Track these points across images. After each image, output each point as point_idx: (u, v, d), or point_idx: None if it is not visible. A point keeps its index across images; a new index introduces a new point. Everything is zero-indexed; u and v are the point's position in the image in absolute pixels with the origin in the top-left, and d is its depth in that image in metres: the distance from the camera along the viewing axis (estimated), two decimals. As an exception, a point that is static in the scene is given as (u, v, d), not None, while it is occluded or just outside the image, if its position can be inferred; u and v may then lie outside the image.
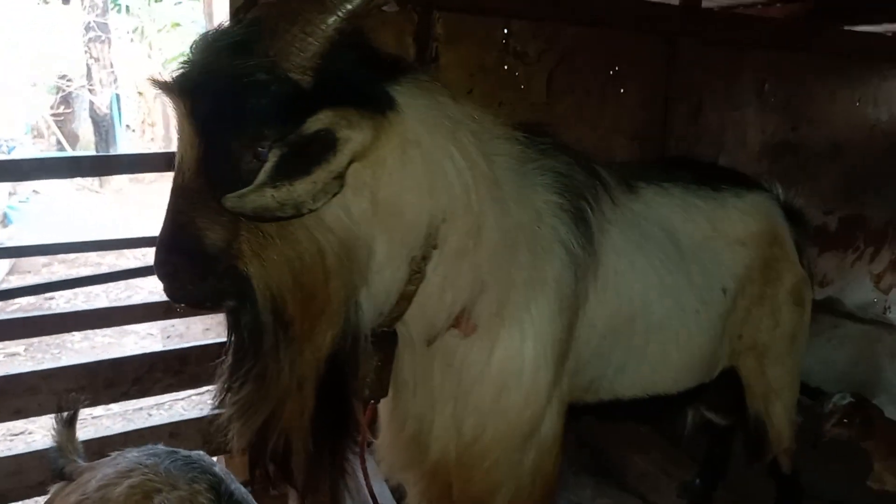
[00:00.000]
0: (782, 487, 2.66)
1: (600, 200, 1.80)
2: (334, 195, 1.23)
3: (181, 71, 1.29)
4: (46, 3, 12.13)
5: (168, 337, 5.43)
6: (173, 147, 1.39)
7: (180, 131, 1.30)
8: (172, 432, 3.15)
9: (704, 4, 3.65)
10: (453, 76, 3.43)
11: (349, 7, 1.18)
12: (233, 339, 1.44)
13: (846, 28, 4.31)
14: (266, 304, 1.32)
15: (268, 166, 1.20)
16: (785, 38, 4.09)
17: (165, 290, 1.37)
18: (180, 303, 1.41)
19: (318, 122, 1.22)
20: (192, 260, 1.31)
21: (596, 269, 1.76)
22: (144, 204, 9.49)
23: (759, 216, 2.22)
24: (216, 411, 1.49)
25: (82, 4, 11.73)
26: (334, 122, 1.23)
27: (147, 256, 7.21)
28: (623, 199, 1.92)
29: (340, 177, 1.23)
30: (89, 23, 11.28)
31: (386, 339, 1.57)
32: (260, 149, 1.24)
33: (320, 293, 1.34)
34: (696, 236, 2.09)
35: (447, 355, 1.62)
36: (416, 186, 1.38)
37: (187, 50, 1.32)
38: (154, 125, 15.33)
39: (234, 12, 1.39)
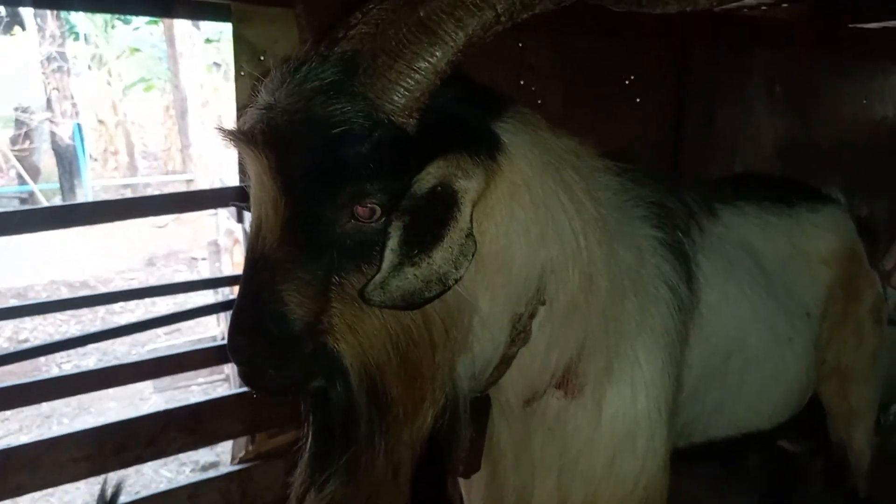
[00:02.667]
0: (859, 513, 2.52)
1: (692, 230, 1.64)
2: (473, 256, 1.03)
3: (261, 117, 1.07)
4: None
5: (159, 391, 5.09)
6: (138, 177, 1.15)
7: (259, 190, 1.09)
8: (192, 494, 2.91)
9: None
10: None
11: (465, 36, 0.99)
12: (314, 425, 1.23)
13: (850, 26, 4.26)
14: (362, 385, 1.12)
15: (393, 242, 1.00)
16: (792, 38, 4.04)
17: (244, 377, 1.15)
18: (262, 391, 1.20)
19: (431, 175, 1.03)
20: (277, 342, 1.09)
21: (697, 306, 1.59)
22: (110, 234, 9.06)
23: (837, 231, 2.07)
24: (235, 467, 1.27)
25: (39, 34, 11.30)
26: (449, 172, 1.03)
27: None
28: (707, 224, 1.75)
29: (471, 234, 1.03)
30: (51, 54, 10.86)
31: (480, 408, 1.37)
32: (360, 207, 1.04)
33: (426, 369, 1.14)
34: (779, 257, 1.94)
35: (548, 419, 1.43)
36: (526, 236, 1.19)
37: (263, 90, 1.11)
38: (117, 153, 14.87)
39: (314, 43, 1.17)
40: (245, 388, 2.95)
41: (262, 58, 2.78)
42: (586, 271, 1.27)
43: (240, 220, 3.56)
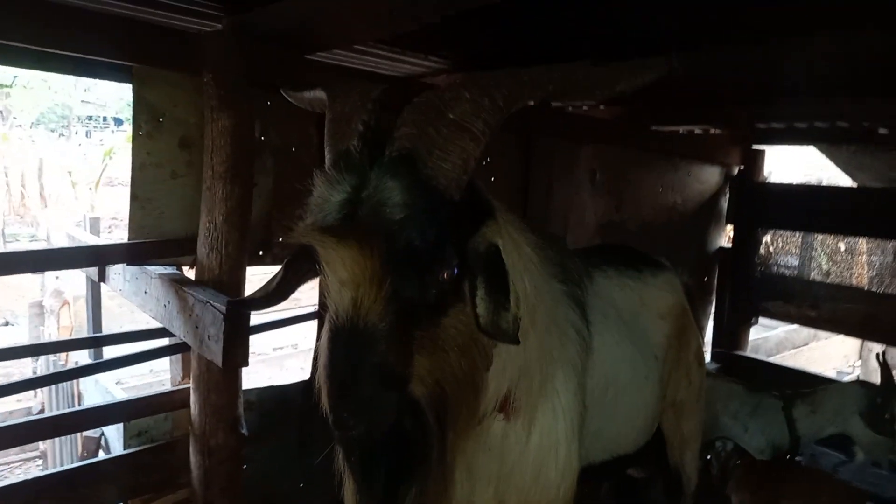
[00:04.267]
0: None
1: (582, 285, 2.05)
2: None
3: (349, 211, 1.30)
4: None
5: None
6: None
7: (351, 274, 1.28)
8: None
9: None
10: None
11: (490, 130, 1.32)
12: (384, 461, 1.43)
13: (652, 128, 5.22)
14: (432, 414, 1.39)
15: (481, 292, 1.32)
16: (609, 135, 4.86)
17: (357, 435, 1.30)
18: (371, 440, 1.35)
19: (485, 236, 1.36)
20: (394, 393, 1.30)
21: (591, 345, 1.99)
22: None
23: (673, 292, 2.63)
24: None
25: None
26: (491, 232, 1.37)
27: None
28: (587, 282, 2.19)
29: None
30: None
31: None
32: (446, 272, 1.33)
33: (478, 390, 1.47)
34: (632, 311, 2.42)
35: (491, 439, 1.71)
36: None
37: (328, 187, 1.34)
38: None
39: (366, 125, 1.42)
40: (119, 453, 2.86)
41: (161, 119, 2.86)
42: (534, 307, 1.61)
43: (101, 279, 3.42)
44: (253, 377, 5.51)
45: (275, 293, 1.69)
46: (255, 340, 3.12)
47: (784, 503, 3.58)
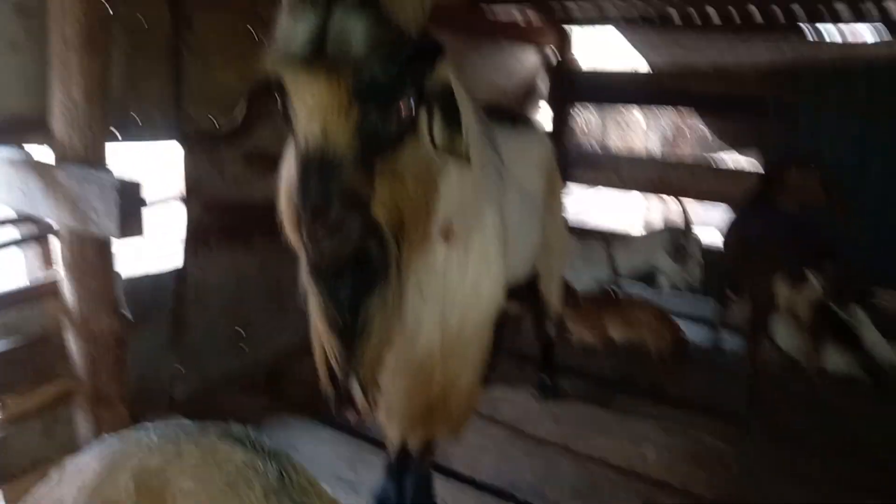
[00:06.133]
0: (548, 346, 3.61)
1: (492, 132, 2.30)
2: None
3: (314, 45, 1.35)
4: None
5: None
6: None
7: (320, 104, 1.36)
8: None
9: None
10: (208, 41, 3.37)
11: None
12: (351, 283, 1.56)
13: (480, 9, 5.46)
14: (391, 234, 1.54)
15: (438, 125, 1.51)
16: (445, 22, 5.00)
17: (329, 251, 1.38)
18: (342, 259, 1.44)
19: (439, 75, 1.50)
20: (360, 214, 1.41)
21: (505, 184, 2.27)
22: None
23: (543, 143, 2.98)
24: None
25: None
26: (444, 70, 1.52)
27: None
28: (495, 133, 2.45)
29: None
30: None
31: None
32: (403, 105, 1.45)
33: (429, 212, 1.65)
34: (517, 160, 2.72)
35: (434, 261, 1.94)
36: None
37: (293, 18, 1.37)
38: None
39: None
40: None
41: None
42: (474, 147, 1.82)
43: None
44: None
45: (242, 127, 1.71)
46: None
47: (608, 325, 4.31)
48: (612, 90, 6.31)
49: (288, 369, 4.00)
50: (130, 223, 2.39)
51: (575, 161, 6.27)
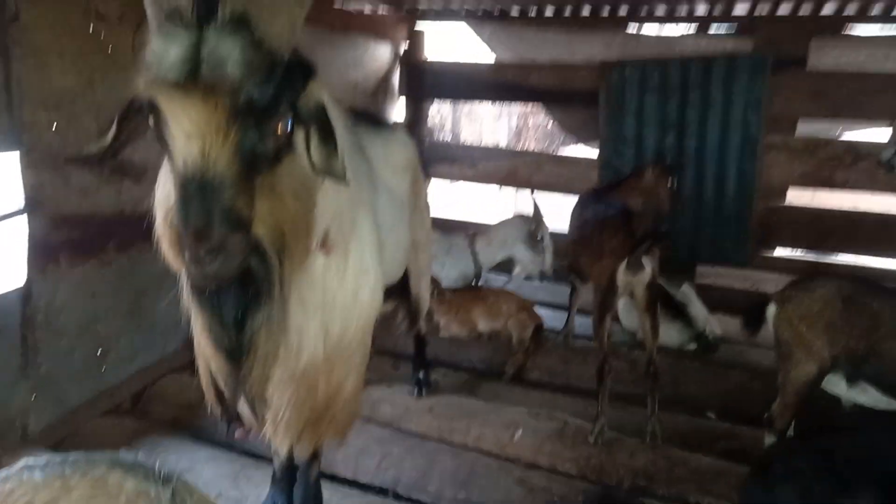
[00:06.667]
0: (420, 342, 3.75)
1: (360, 139, 2.38)
2: None
3: (190, 68, 1.35)
4: None
5: None
6: None
7: (197, 126, 1.37)
8: None
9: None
10: (40, 37, 3.11)
11: None
12: (233, 301, 1.58)
13: (335, 7, 5.46)
14: (273, 251, 1.58)
15: (314, 142, 1.55)
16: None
17: (213, 272, 1.39)
18: (226, 279, 1.45)
19: (312, 94, 1.54)
20: (242, 233, 1.43)
21: (377, 189, 2.36)
22: None
23: (407, 147, 3.09)
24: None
25: None
26: (316, 89, 1.56)
27: None
28: (363, 140, 2.52)
29: None
30: None
31: None
32: (279, 125, 1.48)
33: (309, 228, 1.71)
34: (383, 164, 2.81)
35: (315, 273, 1.98)
36: None
37: (167, 40, 1.36)
38: None
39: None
40: None
41: None
42: (348, 161, 1.89)
43: None
44: None
45: (110, 149, 1.67)
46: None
47: (476, 317, 4.54)
48: (462, 84, 6.56)
49: (153, 388, 3.84)
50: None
51: (432, 156, 6.46)
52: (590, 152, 6.84)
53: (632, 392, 3.71)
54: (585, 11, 5.94)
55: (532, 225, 4.94)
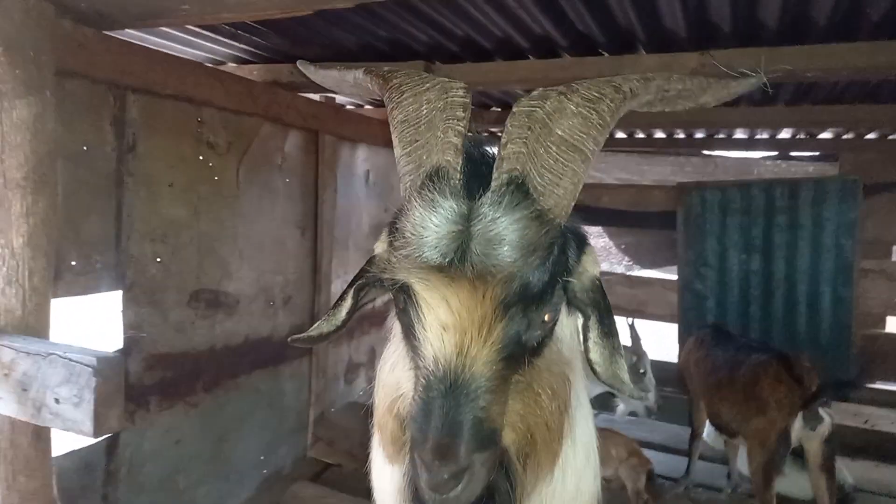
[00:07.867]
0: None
1: None
2: None
3: (459, 246, 1.08)
4: None
5: None
6: None
7: (458, 320, 1.09)
8: None
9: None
10: (154, 167, 2.94)
11: (598, 148, 1.21)
12: None
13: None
14: (519, 459, 1.26)
15: (594, 334, 1.21)
16: (378, 135, 4.87)
17: (453, 499, 1.09)
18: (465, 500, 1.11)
19: (587, 269, 1.25)
20: (492, 450, 1.12)
21: None
22: None
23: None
24: None
25: None
26: (591, 262, 1.26)
27: None
28: None
29: None
30: None
31: None
32: (549, 314, 1.18)
33: (560, 430, 1.34)
34: None
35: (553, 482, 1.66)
36: None
37: (426, 215, 1.09)
38: None
39: (461, 136, 1.16)
40: None
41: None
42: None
43: None
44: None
45: (343, 325, 1.37)
46: None
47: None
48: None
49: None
50: (108, 416, 1.88)
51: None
52: (657, 273, 6.59)
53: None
54: (660, 133, 5.89)
55: (633, 358, 4.58)
